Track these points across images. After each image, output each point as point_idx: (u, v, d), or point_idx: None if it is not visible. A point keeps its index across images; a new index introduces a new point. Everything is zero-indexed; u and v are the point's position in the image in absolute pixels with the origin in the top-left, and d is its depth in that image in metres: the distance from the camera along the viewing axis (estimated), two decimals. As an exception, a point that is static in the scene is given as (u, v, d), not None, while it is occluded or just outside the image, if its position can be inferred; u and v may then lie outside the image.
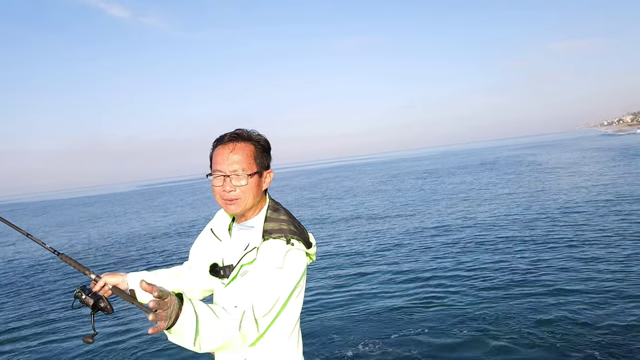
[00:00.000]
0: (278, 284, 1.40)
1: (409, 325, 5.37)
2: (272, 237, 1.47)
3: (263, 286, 1.39)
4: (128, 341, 5.86)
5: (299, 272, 1.46)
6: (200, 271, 1.76)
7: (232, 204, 1.52)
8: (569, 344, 4.48)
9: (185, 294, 1.60)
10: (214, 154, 1.55)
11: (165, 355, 5.30)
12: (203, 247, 1.74)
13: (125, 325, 6.42)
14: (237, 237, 1.60)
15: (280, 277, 1.41)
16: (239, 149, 1.51)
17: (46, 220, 32.84)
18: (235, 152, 1.50)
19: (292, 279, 1.45)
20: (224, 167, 1.50)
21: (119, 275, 1.79)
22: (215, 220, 1.73)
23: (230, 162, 1.50)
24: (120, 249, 14.15)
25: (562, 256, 7.50)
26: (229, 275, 1.55)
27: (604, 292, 5.70)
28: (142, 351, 5.52)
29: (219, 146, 1.54)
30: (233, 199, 1.51)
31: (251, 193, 1.52)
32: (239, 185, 1.50)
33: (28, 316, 7.57)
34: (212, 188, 1.55)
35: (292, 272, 1.44)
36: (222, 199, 1.53)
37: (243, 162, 1.50)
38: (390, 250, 9.50)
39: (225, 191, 1.51)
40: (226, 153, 1.51)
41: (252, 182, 1.52)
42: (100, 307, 1.78)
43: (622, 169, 21.26)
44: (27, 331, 6.80)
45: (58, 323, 7.00)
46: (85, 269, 1.83)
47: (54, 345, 6.06)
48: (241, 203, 1.52)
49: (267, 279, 1.40)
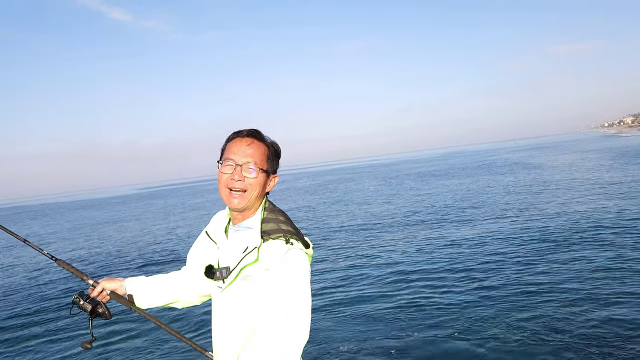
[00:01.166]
0: (295, 294, 1.40)
1: (404, 326, 5.36)
2: (271, 238, 1.46)
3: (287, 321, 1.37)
4: (126, 346, 5.85)
5: (305, 269, 1.45)
6: (196, 276, 1.75)
7: (237, 197, 1.51)
8: (566, 343, 4.48)
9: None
10: (230, 144, 1.56)
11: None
12: (199, 251, 1.73)
13: (124, 330, 6.40)
14: (234, 238, 1.58)
15: (293, 285, 1.40)
16: (256, 145, 1.55)
17: (46, 223, 32.83)
18: (251, 147, 1.53)
19: (304, 279, 1.43)
20: (238, 157, 1.52)
21: (117, 280, 1.79)
22: (211, 223, 1.71)
23: (245, 154, 1.52)
24: (120, 253, 14.13)
25: (561, 256, 7.52)
26: (225, 278, 1.53)
27: (604, 291, 5.70)
28: (141, 356, 5.51)
29: (236, 138, 1.56)
30: (239, 189, 1.51)
31: (257, 189, 1.53)
32: (248, 176, 1.51)
33: (26, 322, 7.55)
34: (220, 176, 1.54)
35: (300, 272, 1.42)
36: (227, 188, 1.52)
37: (257, 156, 1.53)
38: (388, 251, 9.49)
39: (234, 179, 1.50)
40: (243, 145, 1.53)
41: (261, 178, 1.53)
42: (98, 312, 1.78)
43: (621, 170, 21.28)
44: (25, 337, 6.78)
45: (56, 329, 6.98)
46: (83, 274, 1.83)
47: (52, 351, 6.04)
48: (246, 196, 1.51)
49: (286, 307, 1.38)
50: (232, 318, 1.50)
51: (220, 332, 1.55)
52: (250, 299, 1.46)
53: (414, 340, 5.00)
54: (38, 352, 6.05)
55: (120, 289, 1.78)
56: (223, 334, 1.54)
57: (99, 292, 1.76)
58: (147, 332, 6.23)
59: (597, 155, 35.35)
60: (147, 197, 60.40)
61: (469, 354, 4.59)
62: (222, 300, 1.54)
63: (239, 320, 1.48)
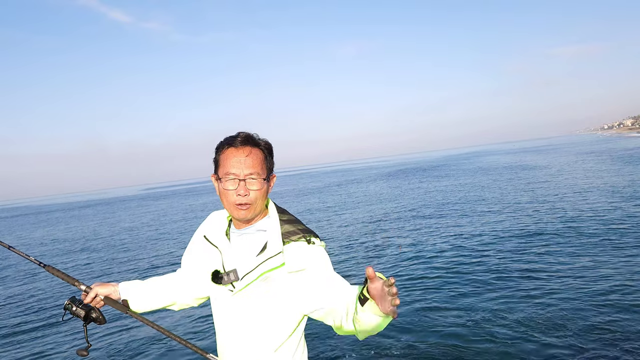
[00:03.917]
0: (338, 276, 1.47)
1: (404, 326, 5.34)
2: (292, 240, 1.46)
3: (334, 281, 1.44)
4: (123, 351, 5.79)
5: (330, 263, 1.50)
6: (195, 279, 1.71)
7: (244, 209, 1.48)
8: (572, 341, 4.46)
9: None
10: (225, 157, 1.49)
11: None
12: (196, 254, 1.68)
13: (120, 335, 6.33)
14: (240, 242, 1.54)
15: (332, 272, 1.47)
16: (254, 154, 1.48)
17: (45, 226, 32.71)
18: (250, 157, 1.47)
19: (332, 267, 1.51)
20: (239, 170, 1.46)
21: (110, 285, 1.74)
22: (207, 226, 1.65)
23: (247, 166, 1.46)
24: (116, 256, 14.06)
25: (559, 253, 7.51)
26: (233, 281, 1.49)
27: (604, 290, 5.69)
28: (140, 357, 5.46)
29: (230, 149, 1.48)
30: (246, 203, 1.47)
31: (263, 197, 1.50)
32: (253, 189, 1.47)
33: (17, 331, 7.27)
34: (223, 192, 1.49)
35: (329, 262, 1.49)
36: (235, 204, 1.48)
37: (257, 166, 1.48)
38: (388, 250, 9.49)
39: (240, 195, 1.46)
40: (242, 156, 1.46)
41: (265, 186, 1.50)
42: (92, 318, 1.74)
43: (607, 172, 21.37)
44: (17, 346, 6.57)
45: (49, 337, 6.71)
46: (75, 280, 1.78)
47: (46, 359, 5.90)
48: (253, 208, 1.48)
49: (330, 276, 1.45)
50: (253, 320, 1.47)
51: (233, 335, 1.51)
52: (274, 300, 1.45)
53: (422, 341, 4.97)
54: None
55: (114, 293, 1.73)
56: (238, 337, 1.50)
57: (92, 298, 1.72)
58: (143, 335, 6.17)
59: (588, 158, 35.48)
60: (150, 198, 60.23)
61: (472, 354, 4.56)
62: (234, 304, 1.50)
63: (263, 322, 1.46)
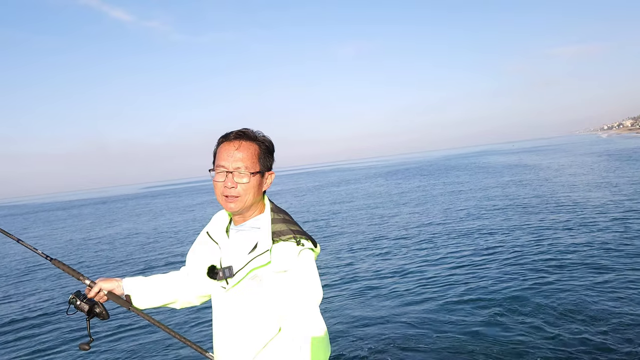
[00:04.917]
0: (312, 289, 1.46)
1: (407, 325, 5.36)
2: (282, 239, 1.47)
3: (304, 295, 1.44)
4: (125, 347, 5.82)
5: (315, 268, 1.50)
6: (197, 276, 1.74)
7: (232, 202, 1.51)
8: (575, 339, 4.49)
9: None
10: (219, 150, 1.55)
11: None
12: (199, 251, 1.71)
13: (122, 331, 6.36)
14: (236, 238, 1.58)
15: (309, 282, 1.46)
16: (245, 147, 1.52)
17: (48, 222, 32.70)
18: (240, 150, 1.51)
19: (317, 276, 1.49)
20: (228, 163, 1.50)
21: (114, 280, 1.77)
22: (212, 223, 1.70)
23: (235, 159, 1.50)
24: (118, 253, 14.07)
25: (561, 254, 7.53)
26: (228, 277, 1.52)
27: (606, 289, 5.72)
28: (139, 356, 5.48)
29: (224, 142, 1.54)
30: (233, 195, 1.51)
31: (252, 192, 1.52)
32: (240, 182, 1.50)
33: (23, 323, 7.47)
34: (214, 184, 1.55)
35: (314, 270, 1.48)
36: (222, 195, 1.52)
37: (247, 160, 1.51)
38: (389, 249, 9.51)
39: (227, 187, 1.50)
40: (231, 150, 1.51)
41: (254, 180, 1.52)
42: (95, 312, 1.76)
43: (601, 173, 21.40)
44: (21, 339, 6.71)
45: (53, 330, 6.91)
46: (80, 274, 1.81)
47: (50, 353, 5.97)
48: (241, 201, 1.51)
49: (303, 288, 1.44)
50: (242, 317, 1.49)
51: (225, 331, 1.54)
52: (262, 298, 1.47)
53: (422, 338, 5.00)
54: (35, 354, 5.99)
55: (118, 289, 1.76)
56: (229, 334, 1.53)
57: (96, 292, 1.74)
58: (145, 332, 6.20)
59: (584, 160, 35.50)
60: (151, 196, 60.18)
61: (474, 354, 4.58)
62: (227, 301, 1.54)
63: (251, 319, 1.48)
